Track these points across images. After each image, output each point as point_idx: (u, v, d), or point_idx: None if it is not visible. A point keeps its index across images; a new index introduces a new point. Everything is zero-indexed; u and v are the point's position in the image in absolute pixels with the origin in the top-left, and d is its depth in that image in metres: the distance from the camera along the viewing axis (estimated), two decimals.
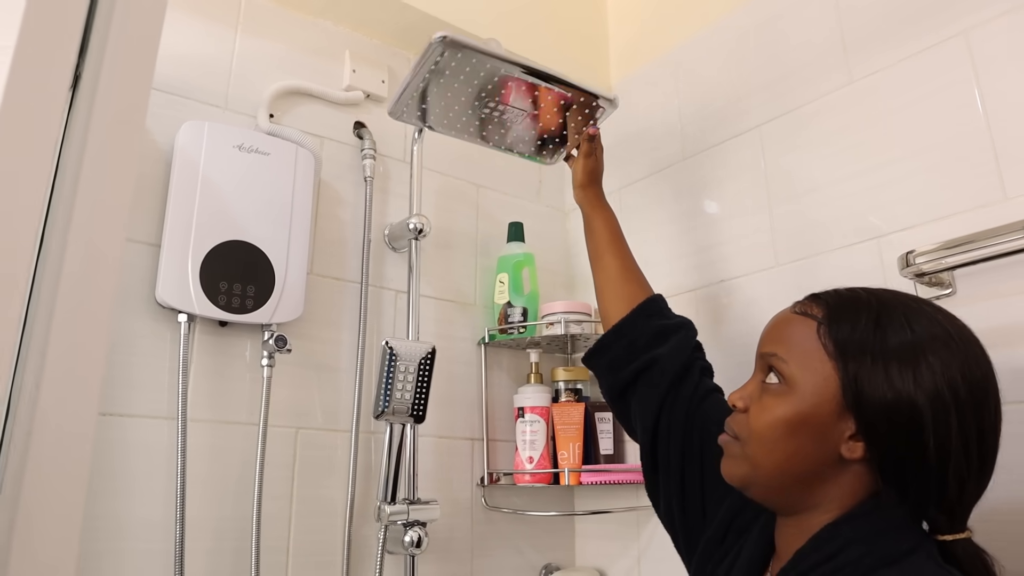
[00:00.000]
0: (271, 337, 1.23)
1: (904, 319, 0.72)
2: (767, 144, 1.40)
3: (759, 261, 1.36)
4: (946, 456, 0.68)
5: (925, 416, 0.68)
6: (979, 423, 0.69)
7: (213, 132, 1.25)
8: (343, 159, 1.47)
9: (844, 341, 0.72)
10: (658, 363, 1.01)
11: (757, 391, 0.77)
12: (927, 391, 0.68)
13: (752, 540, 0.82)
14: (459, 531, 1.45)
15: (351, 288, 1.41)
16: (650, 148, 1.64)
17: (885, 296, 0.76)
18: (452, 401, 1.51)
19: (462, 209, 1.64)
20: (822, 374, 0.72)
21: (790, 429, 0.73)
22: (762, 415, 0.75)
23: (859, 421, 0.70)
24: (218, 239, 1.21)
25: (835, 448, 0.71)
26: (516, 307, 1.53)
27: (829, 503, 0.73)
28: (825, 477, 0.73)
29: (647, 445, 1.00)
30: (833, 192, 1.27)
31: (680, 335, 1.05)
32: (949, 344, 0.70)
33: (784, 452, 0.73)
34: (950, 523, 0.70)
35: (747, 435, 0.76)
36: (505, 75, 1.16)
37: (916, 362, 0.69)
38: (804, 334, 0.75)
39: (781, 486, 0.74)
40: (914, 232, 1.14)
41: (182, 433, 1.14)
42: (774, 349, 0.77)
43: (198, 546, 1.16)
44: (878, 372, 0.69)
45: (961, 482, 0.69)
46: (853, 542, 0.69)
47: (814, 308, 0.77)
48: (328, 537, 1.29)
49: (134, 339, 1.17)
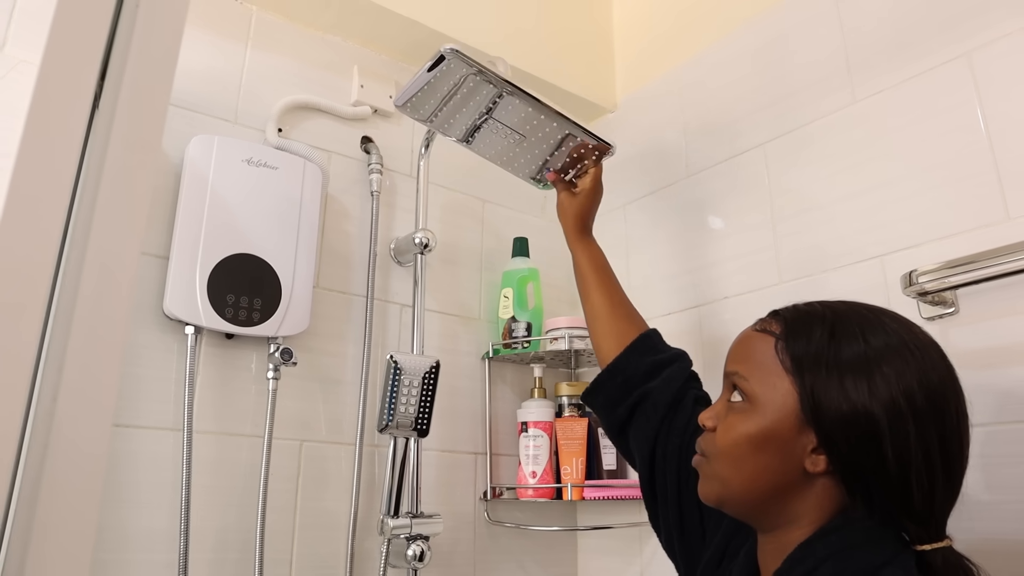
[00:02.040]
0: (277, 350, 1.24)
1: (859, 330, 0.73)
2: (771, 162, 1.41)
3: (762, 279, 1.37)
4: (906, 465, 0.68)
5: (881, 426, 0.68)
6: (940, 430, 0.69)
7: (222, 146, 1.27)
8: (350, 173, 1.49)
9: (800, 356, 0.73)
10: (650, 396, 1.02)
11: (724, 410, 0.79)
12: (882, 401, 0.69)
13: (739, 564, 0.83)
14: (462, 545, 1.45)
15: (357, 302, 1.42)
16: (654, 165, 1.65)
17: (841, 309, 0.77)
18: (456, 415, 1.51)
19: (468, 224, 1.65)
20: (781, 390, 0.73)
21: (754, 446, 0.74)
22: (727, 433, 0.76)
23: (819, 434, 0.71)
24: (226, 252, 1.22)
25: (799, 462, 0.72)
26: (520, 322, 1.54)
27: (802, 518, 0.73)
28: (794, 492, 0.73)
29: (645, 476, 1.01)
30: (836, 210, 1.28)
31: (673, 367, 1.05)
32: (904, 353, 0.71)
33: (750, 468, 0.74)
34: (925, 532, 0.70)
35: (715, 453, 0.78)
36: (507, 97, 1.16)
37: (870, 373, 0.70)
38: (763, 351, 0.76)
39: (752, 502, 0.76)
40: (917, 251, 1.14)
41: (187, 444, 1.14)
42: (736, 367, 0.78)
43: (202, 557, 1.16)
44: (833, 385, 0.70)
45: (926, 490, 0.69)
46: (826, 559, 0.69)
47: (773, 324, 0.78)
48: (331, 550, 1.30)
49: (141, 351, 1.17)
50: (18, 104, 0.66)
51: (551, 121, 1.18)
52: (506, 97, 1.17)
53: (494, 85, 1.14)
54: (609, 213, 1.74)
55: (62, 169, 0.64)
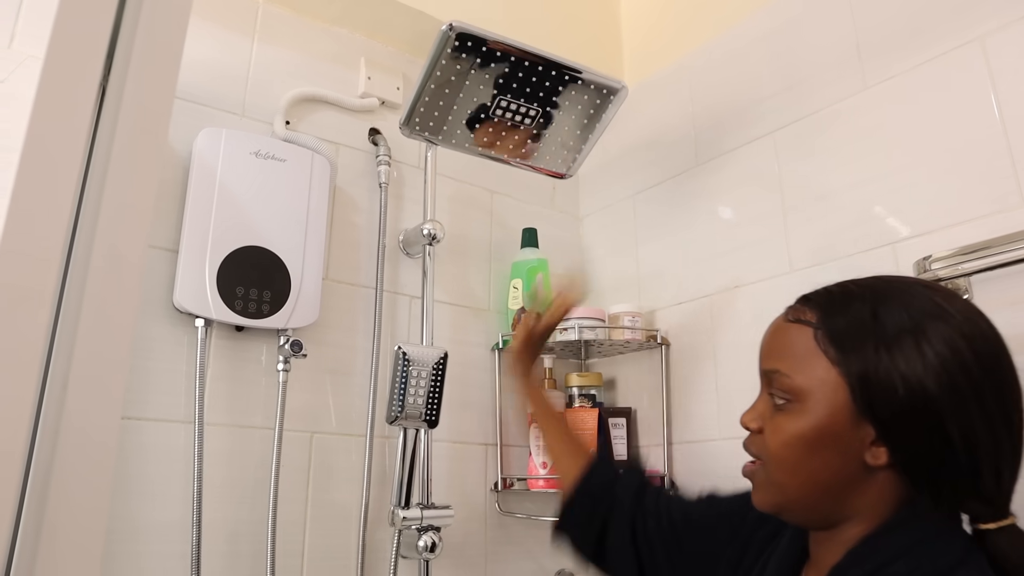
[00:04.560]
0: (287, 342, 1.24)
1: (900, 303, 0.69)
2: (781, 150, 1.40)
3: (773, 267, 1.36)
4: (973, 444, 0.64)
5: (942, 405, 0.64)
6: (1001, 403, 0.66)
7: (230, 139, 1.27)
8: (358, 165, 1.48)
9: (843, 341, 0.69)
10: (621, 494, 1.00)
11: (768, 409, 0.74)
12: (937, 376, 0.65)
13: (781, 551, 0.79)
14: (473, 536, 1.45)
15: (366, 293, 1.42)
16: (663, 154, 1.65)
17: (877, 284, 0.72)
18: (466, 406, 1.51)
19: (476, 215, 1.64)
20: (829, 383, 0.68)
21: (808, 446, 0.69)
22: (777, 436, 0.72)
23: (876, 425, 0.67)
24: (235, 245, 1.22)
25: (859, 457, 0.68)
26: None
27: (863, 513, 0.70)
28: (854, 488, 0.69)
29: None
30: (848, 197, 1.27)
31: (631, 473, 1.05)
32: (950, 321, 0.67)
33: (808, 471, 0.70)
34: (991, 511, 0.67)
35: (767, 457, 0.73)
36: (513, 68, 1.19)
37: (919, 346, 0.66)
38: (802, 344, 0.71)
39: (812, 505, 0.71)
40: (930, 237, 1.13)
41: (199, 437, 1.15)
42: (775, 365, 0.73)
43: (214, 548, 1.16)
44: (883, 366, 0.66)
45: (996, 467, 0.65)
46: (896, 557, 0.65)
47: (807, 313, 0.73)
48: (343, 541, 1.30)
49: (152, 343, 1.18)
50: (27, 99, 0.66)
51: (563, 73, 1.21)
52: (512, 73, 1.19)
53: (505, 47, 1.16)
54: (619, 203, 1.73)
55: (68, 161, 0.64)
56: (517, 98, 1.29)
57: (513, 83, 1.26)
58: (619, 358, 1.64)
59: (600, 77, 1.30)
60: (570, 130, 1.40)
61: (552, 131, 1.38)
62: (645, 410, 1.56)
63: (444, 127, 1.32)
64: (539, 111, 1.32)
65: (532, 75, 1.26)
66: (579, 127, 1.40)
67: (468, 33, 1.17)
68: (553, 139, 1.40)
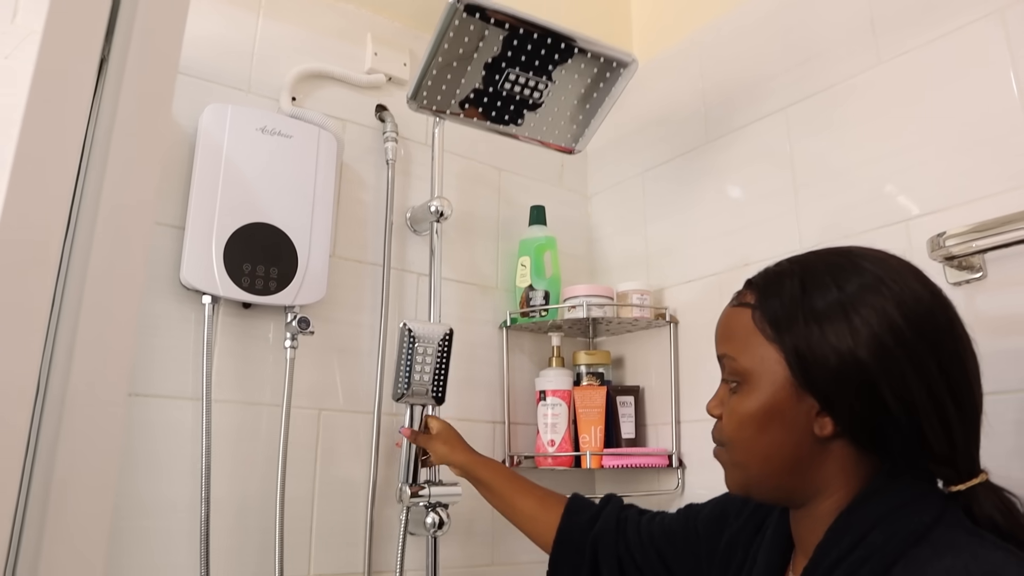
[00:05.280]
0: (294, 319, 1.24)
1: (830, 278, 0.70)
2: (793, 126, 1.38)
3: (784, 245, 1.34)
4: (911, 405, 0.66)
5: (873, 371, 0.66)
6: (937, 359, 0.66)
7: (236, 115, 1.26)
8: (365, 142, 1.47)
9: (776, 319, 0.71)
10: (600, 537, 1.00)
11: (726, 394, 0.77)
12: (866, 343, 0.66)
13: (767, 543, 0.80)
14: (481, 513, 1.45)
15: (373, 271, 1.42)
16: (673, 131, 1.63)
17: (809, 260, 0.74)
18: (473, 384, 1.51)
19: (484, 193, 1.63)
20: (769, 361, 0.71)
21: (759, 425, 0.72)
22: (732, 418, 0.74)
23: (816, 396, 0.69)
24: (241, 221, 1.21)
25: (808, 430, 0.70)
26: (538, 290, 1.53)
27: (830, 486, 0.71)
28: (813, 461, 0.71)
29: None
30: (860, 174, 1.25)
31: (608, 508, 1.04)
32: (879, 288, 0.68)
33: (763, 448, 0.72)
34: (956, 472, 0.68)
35: (727, 440, 0.76)
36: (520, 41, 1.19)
37: (848, 317, 0.67)
38: (743, 324, 0.74)
39: (775, 482, 0.73)
40: (944, 215, 1.12)
41: (207, 413, 1.15)
42: (724, 349, 0.76)
43: (222, 524, 1.17)
44: (814, 339, 0.68)
45: (943, 427, 0.66)
46: (873, 527, 0.66)
47: (747, 295, 0.76)
48: (351, 518, 1.31)
49: (159, 320, 1.18)
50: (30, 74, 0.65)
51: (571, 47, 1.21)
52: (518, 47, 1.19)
53: (512, 19, 1.16)
54: (627, 181, 1.72)
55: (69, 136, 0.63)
56: (525, 71, 1.27)
57: (521, 56, 1.25)
58: (627, 336, 1.63)
59: (609, 49, 1.29)
60: (579, 105, 1.38)
61: (561, 106, 1.37)
62: (653, 388, 1.56)
63: (452, 101, 1.31)
64: (548, 85, 1.30)
65: (540, 48, 1.25)
66: (588, 101, 1.38)
67: (476, 5, 1.16)
68: (562, 114, 1.39)
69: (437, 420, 1.27)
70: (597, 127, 1.43)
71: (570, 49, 1.27)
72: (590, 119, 1.41)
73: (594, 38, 1.28)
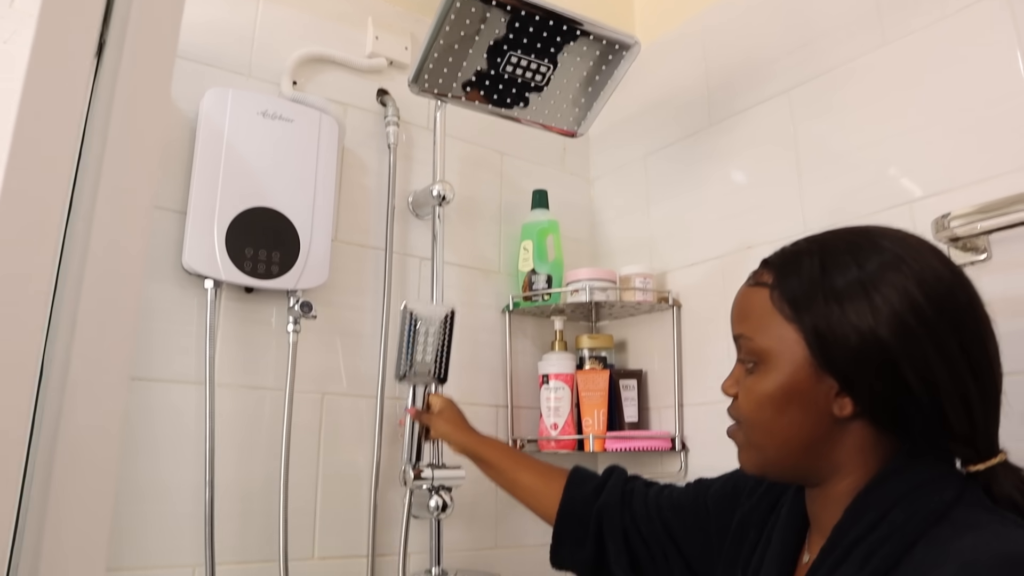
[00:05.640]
0: (296, 303, 1.24)
1: (849, 256, 0.70)
2: (796, 109, 1.37)
3: (787, 229, 1.34)
4: (932, 385, 0.65)
5: (894, 350, 0.65)
6: (958, 338, 0.66)
7: (237, 99, 1.25)
8: (366, 126, 1.47)
9: (795, 298, 0.70)
10: (605, 511, 0.99)
11: (742, 374, 0.76)
12: (887, 322, 0.65)
13: (782, 522, 0.80)
14: (484, 496, 1.46)
15: (375, 255, 1.42)
16: (676, 114, 1.62)
17: (828, 239, 0.74)
18: (476, 368, 1.51)
19: (486, 177, 1.63)
20: (787, 341, 0.70)
21: (777, 405, 0.71)
22: (749, 398, 0.74)
23: (836, 376, 0.68)
24: (243, 206, 1.21)
25: (827, 410, 0.69)
26: (540, 274, 1.53)
27: (847, 466, 0.71)
28: (831, 441, 0.70)
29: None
30: (864, 156, 1.24)
31: (611, 480, 1.03)
32: (900, 267, 0.67)
33: (781, 429, 0.72)
34: (975, 452, 0.67)
35: (744, 420, 0.76)
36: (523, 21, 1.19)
37: (869, 295, 0.66)
38: (761, 305, 0.73)
39: (792, 462, 0.73)
40: (949, 196, 1.11)
41: (210, 397, 1.15)
42: (740, 329, 0.76)
43: (226, 508, 1.17)
44: (834, 318, 0.67)
45: (964, 406, 0.66)
46: (893, 507, 0.66)
47: (764, 275, 0.75)
48: (354, 501, 1.31)
49: (161, 305, 1.18)
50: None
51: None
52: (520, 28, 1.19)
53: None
54: (630, 164, 1.71)
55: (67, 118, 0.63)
56: (527, 54, 1.27)
57: (523, 39, 1.24)
58: (630, 320, 1.63)
59: (611, 32, 1.28)
60: (581, 88, 1.38)
61: (563, 88, 1.36)
62: (656, 372, 1.56)
63: (454, 84, 1.30)
64: (549, 67, 1.30)
65: (543, 30, 1.24)
66: (590, 84, 1.38)
67: None
68: (564, 96, 1.38)
69: (439, 398, 1.27)
70: (599, 110, 1.43)
71: (572, 32, 1.26)
72: (592, 102, 1.40)
73: (596, 20, 1.28)
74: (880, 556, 0.63)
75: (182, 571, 1.13)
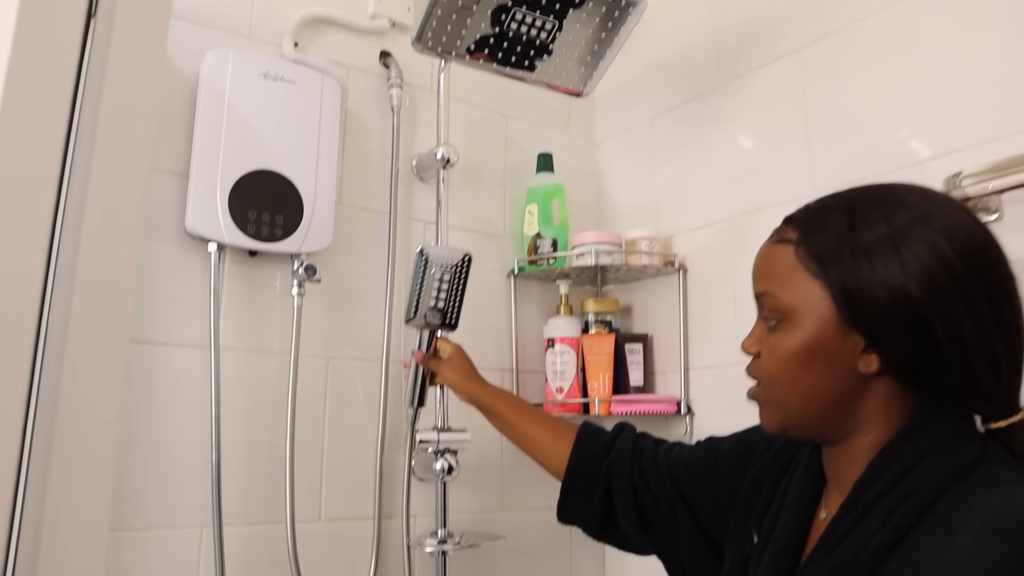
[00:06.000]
0: (300, 266, 1.24)
1: (878, 212, 0.68)
2: (805, 69, 1.35)
3: (795, 190, 1.32)
4: (961, 342, 0.65)
5: (924, 305, 0.65)
6: (987, 296, 0.65)
7: (238, 60, 1.24)
8: (369, 89, 1.45)
9: (822, 255, 0.69)
10: (615, 467, 0.99)
11: (764, 332, 0.75)
12: (918, 277, 0.65)
13: (798, 478, 0.79)
14: (489, 460, 1.47)
15: (380, 218, 1.41)
16: (683, 76, 1.59)
17: (855, 195, 0.72)
18: (481, 333, 1.51)
19: (491, 140, 1.61)
20: (813, 297, 0.69)
21: (801, 362, 0.70)
22: (772, 355, 0.73)
23: (863, 333, 0.67)
24: (246, 168, 1.20)
25: (852, 367, 0.69)
26: (546, 238, 1.52)
27: (870, 423, 0.70)
28: (854, 398, 0.70)
29: (647, 537, 0.96)
30: (874, 117, 1.22)
31: (621, 436, 1.03)
32: (930, 223, 0.66)
33: (804, 386, 0.71)
34: (997, 409, 0.67)
35: (766, 378, 0.75)
36: None
37: (899, 250, 0.66)
38: (785, 262, 0.72)
39: (814, 420, 0.72)
40: (960, 156, 1.09)
41: (215, 361, 1.15)
42: (763, 287, 0.75)
43: (230, 471, 1.18)
44: (863, 274, 0.66)
45: (992, 363, 0.65)
46: (916, 462, 0.65)
47: (788, 232, 0.74)
48: (360, 464, 1.32)
49: (165, 268, 1.17)
50: None
51: None
52: None
53: None
54: (636, 127, 1.69)
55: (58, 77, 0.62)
56: (532, 10, 1.25)
57: None
58: (636, 284, 1.62)
59: None
60: (587, 46, 1.36)
61: (568, 47, 1.34)
62: (662, 336, 1.55)
63: (458, 43, 1.28)
64: (555, 25, 1.27)
65: None
66: (596, 43, 1.35)
67: None
68: (569, 55, 1.36)
69: (449, 344, 1.22)
70: (606, 69, 1.41)
71: None
72: (599, 61, 1.38)
73: None
74: (903, 512, 0.63)
75: (190, 532, 1.14)
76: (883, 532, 0.63)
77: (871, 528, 0.65)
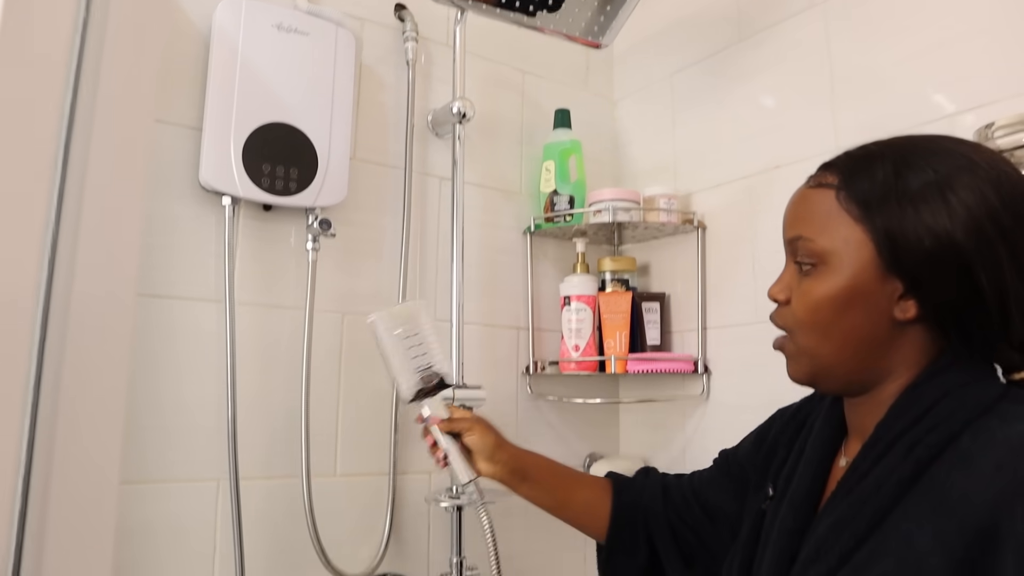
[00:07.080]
0: (315, 220, 1.23)
1: (924, 159, 0.68)
2: (830, 21, 1.31)
3: (818, 145, 1.29)
4: (1004, 292, 0.65)
5: (969, 253, 0.64)
6: None
7: (251, 10, 1.22)
8: (384, 42, 1.43)
9: (867, 199, 0.68)
10: (650, 513, 0.96)
11: (795, 279, 0.74)
12: (965, 225, 0.64)
13: (816, 431, 0.79)
14: (504, 419, 1.46)
15: (395, 174, 1.39)
16: (704, 30, 1.56)
17: (899, 143, 0.71)
18: (497, 290, 1.50)
19: (507, 96, 1.58)
20: (853, 241, 0.68)
21: (837, 308, 0.69)
22: (805, 301, 0.72)
23: (903, 278, 0.67)
24: (259, 121, 1.19)
25: (888, 313, 0.68)
26: (563, 195, 1.50)
27: (897, 369, 0.70)
28: (887, 344, 0.69)
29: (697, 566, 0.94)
30: (901, 69, 1.19)
31: (648, 479, 1.00)
32: (977, 171, 0.66)
33: (839, 332, 0.70)
34: (1022, 358, 0.68)
35: (796, 327, 0.73)
36: None
37: (946, 198, 0.65)
38: (825, 206, 0.71)
39: (847, 368, 0.71)
40: (991, 109, 1.06)
41: (230, 315, 1.15)
42: (798, 231, 0.73)
43: (247, 425, 1.18)
44: (908, 220, 0.66)
45: None
46: (940, 400, 0.66)
47: (828, 176, 0.72)
48: (376, 419, 1.32)
49: (179, 222, 1.17)
50: None
51: None
52: None
53: None
54: (655, 84, 1.66)
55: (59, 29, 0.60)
56: None
57: None
58: (653, 243, 1.61)
59: None
60: None
61: None
62: (679, 295, 1.54)
63: None
64: None
65: None
66: None
67: None
68: (588, 4, 1.33)
69: (464, 412, 1.05)
70: (625, 19, 1.37)
71: None
72: (618, 10, 1.35)
73: None
74: (925, 445, 0.63)
75: (206, 484, 1.15)
76: (904, 465, 0.64)
77: (892, 463, 0.65)
